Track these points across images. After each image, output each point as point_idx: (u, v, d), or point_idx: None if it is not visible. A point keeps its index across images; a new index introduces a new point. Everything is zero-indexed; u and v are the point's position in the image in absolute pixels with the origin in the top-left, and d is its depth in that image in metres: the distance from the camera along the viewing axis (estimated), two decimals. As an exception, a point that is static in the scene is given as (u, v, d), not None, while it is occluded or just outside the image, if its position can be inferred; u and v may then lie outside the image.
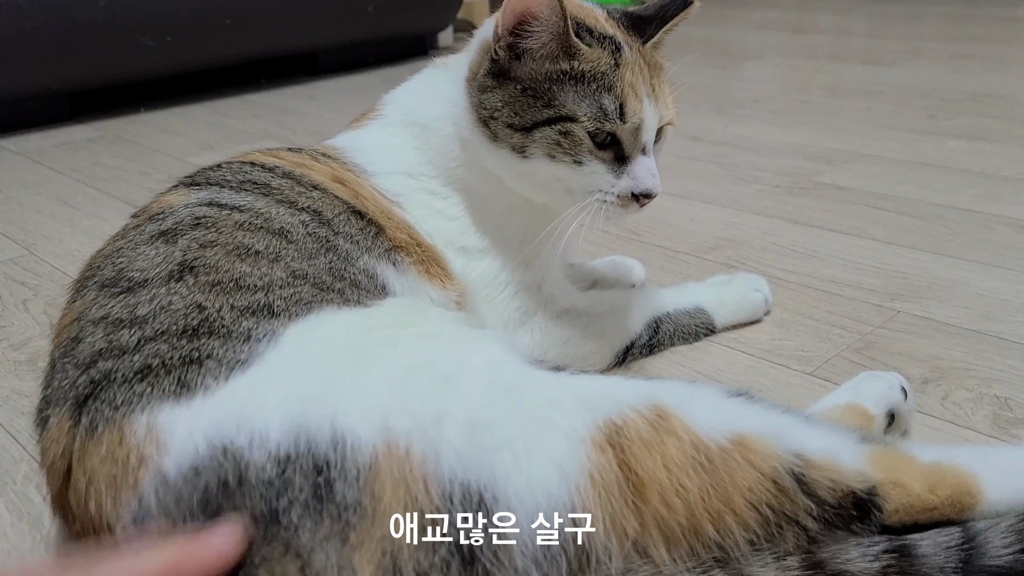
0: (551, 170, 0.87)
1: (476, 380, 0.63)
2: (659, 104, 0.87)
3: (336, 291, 0.74)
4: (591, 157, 0.86)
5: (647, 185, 0.87)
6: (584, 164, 0.86)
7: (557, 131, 0.85)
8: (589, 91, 0.84)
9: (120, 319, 0.66)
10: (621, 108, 0.84)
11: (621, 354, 1.01)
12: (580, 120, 0.84)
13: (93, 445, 0.60)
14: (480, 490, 0.56)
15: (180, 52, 2.39)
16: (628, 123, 0.85)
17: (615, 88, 0.84)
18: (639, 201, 0.88)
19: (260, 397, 0.59)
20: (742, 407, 0.67)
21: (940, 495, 0.65)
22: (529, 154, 0.87)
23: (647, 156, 0.88)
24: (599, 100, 0.84)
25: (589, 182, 0.87)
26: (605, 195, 0.87)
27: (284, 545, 0.54)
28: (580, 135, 0.85)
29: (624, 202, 0.87)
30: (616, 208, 0.88)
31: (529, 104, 0.86)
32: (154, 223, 0.76)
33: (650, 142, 0.88)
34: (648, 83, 0.87)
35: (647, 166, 0.87)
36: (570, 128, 0.85)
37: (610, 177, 0.87)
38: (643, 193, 0.87)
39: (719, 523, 0.60)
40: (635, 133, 0.86)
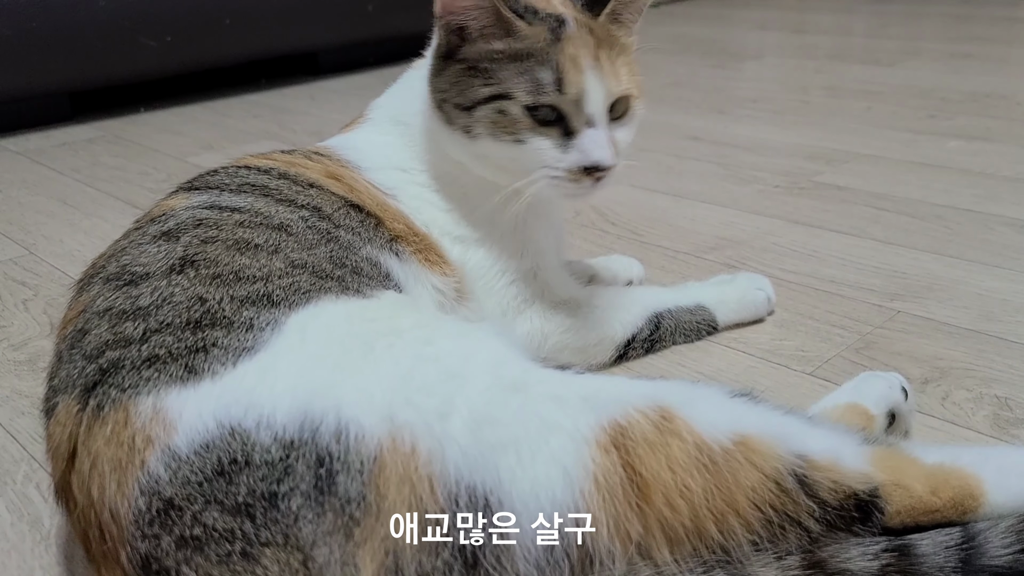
0: (498, 150, 0.87)
1: (482, 375, 0.63)
2: (606, 76, 0.85)
3: (336, 279, 0.74)
4: (532, 134, 0.85)
5: (595, 157, 0.84)
6: (526, 142, 0.86)
7: (494, 109, 0.86)
8: (526, 67, 0.84)
9: (124, 310, 0.67)
10: (559, 80, 0.84)
11: (622, 347, 1.01)
12: (515, 96, 0.84)
13: (98, 426, 0.60)
14: (485, 493, 0.56)
15: (180, 52, 2.39)
16: (567, 94, 0.84)
17: (553, 61, 0.84)
18: (591, 175, 0.85)
19: (268, 382, 0.60)
20: (745, 408, 0.67)
21: (942, 497, 0.65)
22: (475, 134, 0.88)
23: (596, 129, 0.86)
24: (535, 74, 0.84)
25: (534, 159, 0.86)
26: (553, 171, 0.86)
27: (283, 535, 0.55)
28: (516, 112, 0.85)
29: (575, 176, 0.86)
30: (568, 184, 0.86)
31: (470, 83, 0.87)
32: (156, 224, 0.77)
33: (598, 114, 0.85)
34: (593, 55, 0.85)
35: (594, 138, 0.85)
36: (505, 106, 0.85)
37: (556, 152, 0.86)
38: (591, 165, 0.85)
39: (722, 524, 0.60)
40: (577, 105, 0.85)
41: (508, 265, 0.96)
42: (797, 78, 2.54)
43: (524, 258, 0.97)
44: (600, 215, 1.52)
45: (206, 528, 0.55)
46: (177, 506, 0.56)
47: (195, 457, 0.57)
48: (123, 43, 2.29)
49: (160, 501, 0.56)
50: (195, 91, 2.61)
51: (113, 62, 2.31)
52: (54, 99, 2.33)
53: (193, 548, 0.55)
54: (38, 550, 0.79)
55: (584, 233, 1.45)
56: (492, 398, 0.61)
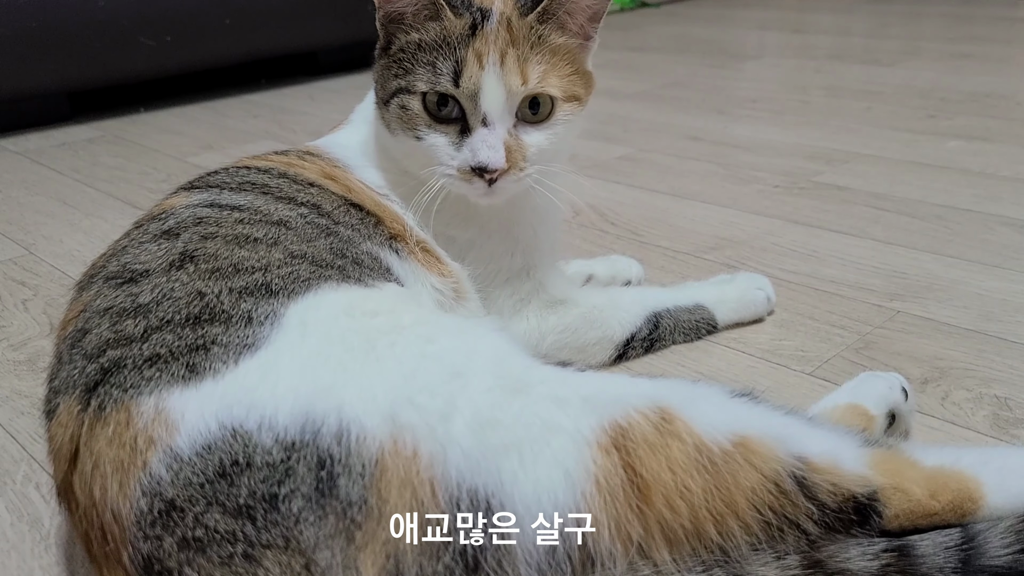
0: (405, 145, 0.88)
1: (484, 375, 0.63)
2: (507, 73, 0.83)
3: (336, 268, 0.74)
4: (428, 130, 0.86)
5: (480, 157, 0.84)
6: (423, 138, 0.86)
7: (398, 104, 0.86)
8: (432, 58, 0.84)
9: (124, 308, 0.67)
10: (457, 73, 0.83)
11: (622, 347, 1.01)
12: (416, 90, 0.84)
13: (100, 427, 0.60)
14: (487, 496, 0.56)
15: (180, 52, 2.39)
16: (461, 88, 0.83)
17: (457, 54, 0.83)
18: (482, 176, 0.85)
19: (270, 382, 0.60)
20: (745, 408, 0.67)
21: (942, 501, 0.65)
22: (392, 129, 0.89)
23: (489, 129, 0.85)
24: (437, 64, 0.84)
25: (431, 155, 0.86)
26: (446, 168, 0.86)
27: (284, 538, 0.55)
28: (415, 107, 0.85)
29: (465, 176, 0.85)
30: (462, 183, 0.86)
31: (387, 76, 0.88)
32: (157, 223, 0.77)
33: (495, 114, 0.84)
34: (499, 51, 0.83)
35: (484, 138, 0.84)
36: (406, 101, 0.85)
37: (450, 150, 0.86)
38: (477, 166, 0.84)
39: (722, 525, 0.60)
40: (473, 101, 0.84)
41: (501, 265, 0.96)
42: (797, 78, 2.54)
43: (515, 256, 0.97)
44: (600, 215, 1.52)
45: (208, 530, 0.55)
46: (179, 507, 0.56)
47: (197, 459, 0.57)
48: (123, 43, 2.29)
49: (162, 502, 0.56)
50: (195, 91, 2.61)
51: (113, 62, 2.31)
52: (54, 99, 2.33)
53: (195, 549, 0.55)
54: (38, 550, 0.79)
55: (584, 233, 1.45)
56: (494, 399, 0.61)
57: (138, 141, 2.16)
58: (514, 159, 0.85)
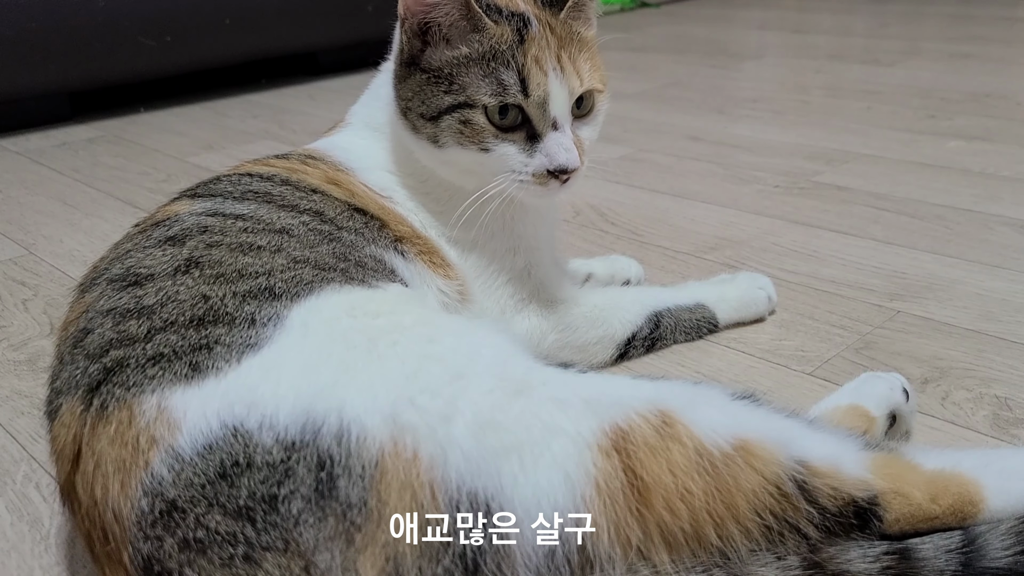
0: (464, 157, 0.88)
1: (485, 376, 0.63)
2: (567, 76, 0.85)
3: (339, 271, 0.74)
4: (497, 142, 0.86)
5: (560, 160, 0.85)
6: (491, 150, 0.86)
7: (458, 119, 0.86)
8: (490, 69, 0.84)
9: (128, 309, 0.67)
10: (523, 82, 0.84)
11: (623, 346, 1.02)
12: (478, 104, 0.84)
13: (102, 426, 0.60)
14: (487, 499, 0.56)
15: (180, 52, 2.39)
16: (532, 97, 0.84)
17: (517, 63, 0.84)
18: (557, 177, 0.86)
19: (272, 381, 0.60)
20: (746, 411, 0.67)
21: (942, 504, 0.65)
22: (442, 143, 0.88)
23: (560, 131, 0.86)
24: (499, 77, 0.84)
25: (501, 164, 0.87)
26: (519, 175, 0.87)
27: (283, 540, 0.55)
28: (480, 122, 0.85)
29: (541, 180, 0.86)
30: (534, 187, 0.87)
31: (433, 92, 0.87)
32: (161, 229, 0.77)
33: (562, 116, 0.86)
34: (555, 55, 0.85)
35: (559, 141, 0.86)
36: (469, 116, 0.85)
37: (523, 157, 0.86)
38: (557, 169, 0.85)
39: (722, 528, 0.60)
40: (542, 108, 0.85)
41: (503, 265, 0.97)
42: (797, 78, 2.54)
43: (517, 256, 0.97)
44: (600, 215, 1.52)
45: (209, 531, 0.55)
46: (180, 508, 0.56)
47: (198, 459, 0.57)
48: (123, 43, 2.29)
49: (163, 502, 0.56)
50: (195, 91, 2.61)
51: (113, 62, 2.31)
52: (54, 99, 2.33)
53: (196, 551, 0.55)
54: (38, 550, 0.79)
55: (584, 233, 1.45)
56: (495, 401, 0.61)
57: (138, 141, 2.16)
58: (582, 156, 0.87)
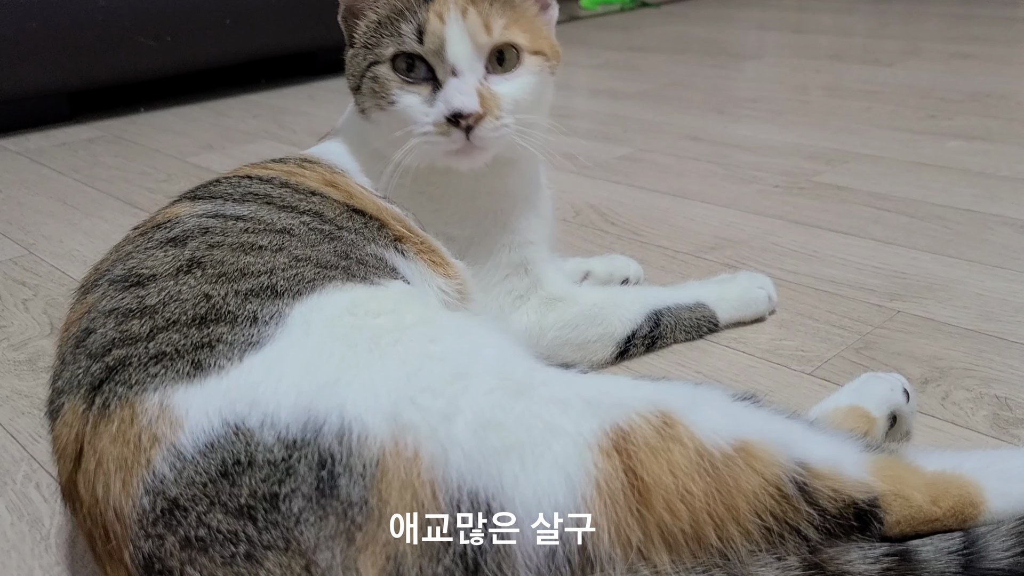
0: (380, 119, 0.89)
1: (487, 376, 0.63)
2: (470, 25, 0.85)
3: (341, 268, 0.74)
4: (401, 92, 0.87)
5: (454, 104, 0.84)
6: (396, 101, 0.87)
7: (370, 78, 0.88)
8: (394, 27, 0.87)
9: (130, 309, 0.67)
10: (420, 31, 0.85)
11: (623, 344, 1.01)
12: (383, 58, 0.87)
13: (104, 424, 0.60)
14: (488, 499, 0.56)
15: (180, 52, 2.39)
16: (426, 44, 0.85)
17: (419, 16, 0.86)
18: (458, 126, 0.85)
19: (273, 378, 0.60)
20: (747, 412, 0.67)
21: (943, 507, 0.65)
22: (366, 111, 0.91)
23: (459, 78, 0.86)
24: (399, 28, 0.86)
25: (407, 117, 0.87)
26: (422, 127, 0.86)
27: (284, 539, 0.55)
28: (385, 73, 0.87)
29: (442, 129, 0.86)
30: (440, 139, 0.86)
31: (356, 62, 0.90)
32: (162, 231, 0.78)
33: (463, 64, 0.86)
34: (461, 8, 0.86)
35: (455, 86, 0.85)
36: (376, 71, 0.88)
37: (424, 107, 0.87)
38: (453, 113, 0.84)
39: (722, 530, 0.59)
40: (439, 55, 0.86)
41: (500, 260, 0.97)
42: (797, 78, 2.54)
43: (513, 251, 0.97)
44: (600, 215, 1.52)
45: (210, 529, 0.55)
46: (182, 506, 0.56)
47: (200, 457, 0.57)
48: (123, 43, 2.29)
49: (165, 501, 0.56)
50: (195, 91, 2.61)
51: (113, 62, 2.31)
52: (54, 99, 2.33)
53: (197, 549, 0.55)
54: (38, 550, 0.79)
55: (584, 233, 1.45)
56: (497, 401, 0.61)
57: (138, 141, 2.16)
58: (488, 106, 0.86)
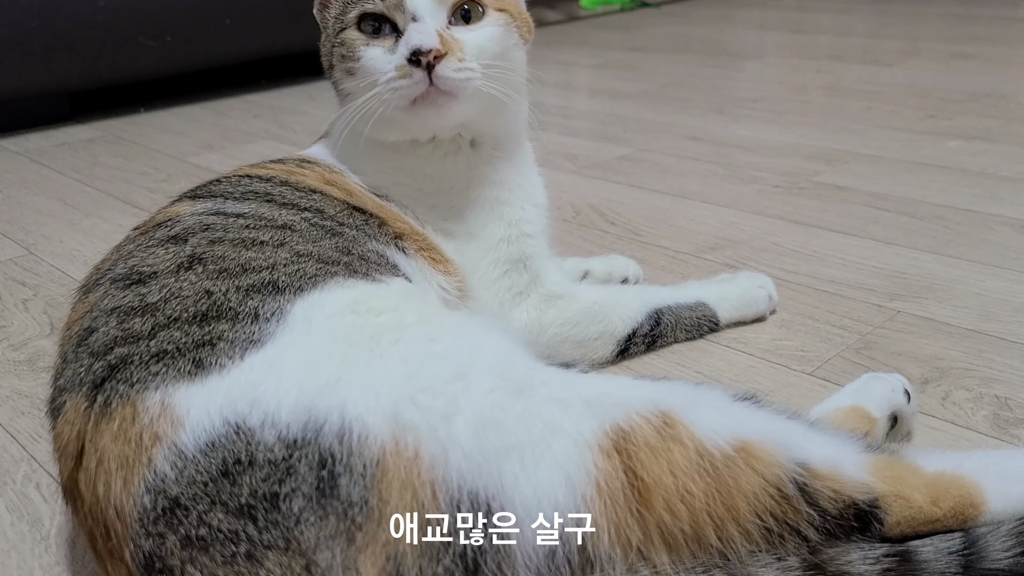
0: (354, 86, 0.90)
1: (487, 376, 0.63)
2: None
3: (343, 264, 0.75)
4: (366, 48, 0.89)
5: (412, 41, 0.85)
6: (362, 56, 0.89)
7: (339, 44, 0.91)
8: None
9: (132, 307, 0.67)
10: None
11: (623, 342, 1.01)
12: (348, 23, 0.89)
13: (105, 423, 0.60)
14: (488, 499, 0.56)
15: (180, 52, 2.39)
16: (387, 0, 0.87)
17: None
18: (419, 64, 0.85)
19: (275, 377, 0.60)
20: (748, 412, 0.67)
21: (943, 507, 0.65)
22: (341, 87, 0.93)
23: (419, 22, 0.87)
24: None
25: (373, 70, 0.88)
26: (387, 75, 0.87)
27: (285, 539, 0.55)
28: (351, 35, 0.89)
29: (403, 72, 0.86)
30: (401, 83, 0.86)
31: (328, 41, 0.93)
32: (163, 229, 0.78)
33: (423, 10, 0.86)
34: None
35: (416, 28, 0.86)
36: (344, 36, 0.90)
37: (387, 56, 0.88)
38: (413, 51, 0.85)
39: (722, 530, 0.59)
40: (399, 7, 0.87)
41: (498, 256, 0.97)
42: (797, 78, 2.54)
43: (512, 245, 0.97)
44: (600, 215, 1.52)
45: (211, 529, 0.55)
46: (183, 505, 0.56)
47: (201, 456, 0.57)
48: (123, 43, 2.29)
49: (166, 500, 0.56)
50: (195, 91, 2.61)
51: (113, 62, 2.31)
52: (54, 99, 2.33)
53: (198, 548, 0.55)
54: (38, 550, 0.79)
55: (584, 233, 1.45)
56: (497, 400, 0.61)
57: (138, 141, 2.16)
58: (450, 46, 0.86)
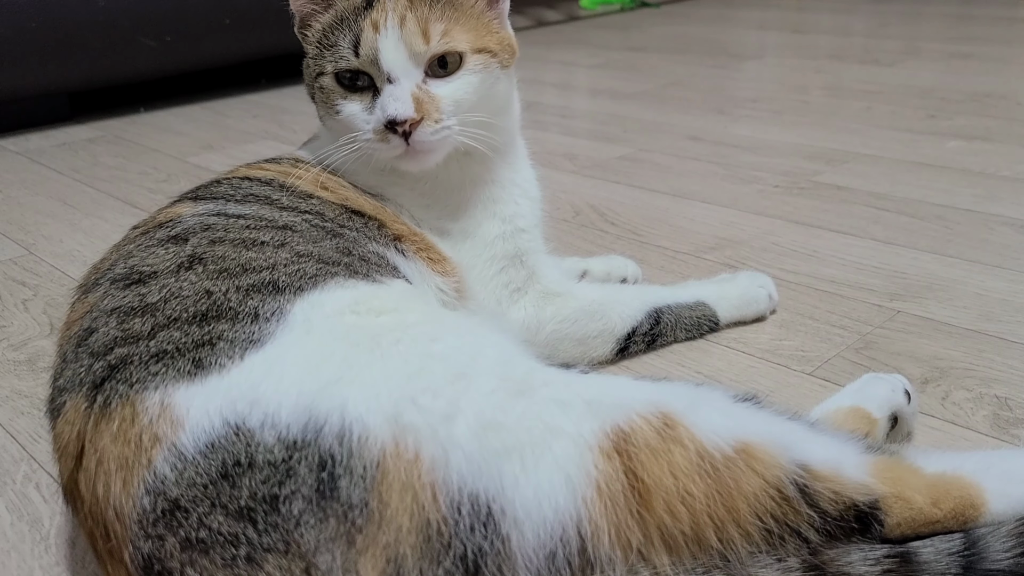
0: (335, 127, 0.91)
1: (488, 377, 0.63)
2: (407, 33, 0.85)
3: (343, 265, 0.75)
4: (345, 102, 0.89)
5: (388, 111, 0.85)
6: (341, 111, 0.89)
7: (319, 88, 0.90)
8: (335, 38, 0.88)
9: (132, 308, 0.67)
10: (356, 44, 0.86)
11: (623, 341, 1.01)
12: (326, 71, 0.88)
13: (105, 423, 0.60)
14: (488, 501, 0.56)
15: (180, 52, 2.39)
16: (361, 56, 0.86)
17: (356, 25, 0.86)
18: (395, 132, 0.86)
19: (275, 377, 0.60)
20: (748, 413, 0.66)
21: (943, 508, 0.65)
22: (321, 116, 0.94)
23: (394, 84, 0.86)
24: (338, 43, 0.87)
25: (350, 123, 0.89)
26: (364, 134, 0.88)
27: (284, 542, 0.54)
28: (329, 84, 0.89)
29: (381, 136, 0.87)
30: (380, 145, 0.87)
31: (309, 72, 0.92)
32: (164, 230, 0.78)
33: (398, 71, 0.86)
34: (400, 16, 0.86)
35: (391, 93, 0.86)
36: (322, 82, 0.90)
37: (365, 115, 0.88)
38: (388, 120, 0.85)
39: (722, 532, 0.59)
40: (375, 65, 0.86)
41: (495, 252, 0.97)
42: (797, 78, 2.54)
43: (507, 241, 0.97)
44: (600, 215, 1.52)
45: (211, 531, 0.55)
46: (183, 507, 0.56)
47: (200, 458, 0.57)
48: (123, 43, 2.29)
49: (166, 501, 0.56)
50: (195, 91, 2.61)
51: (113, 62, 2.31)
52: (54, 99, 2.33)
53: (198, 551, 0.55)
54: (38, 550, 0.79)
55: (584, 233, 1.45)
56: (497, 402, 0.61)
57: (138, 141, 2.16)
58: (426, 109, 0.86)
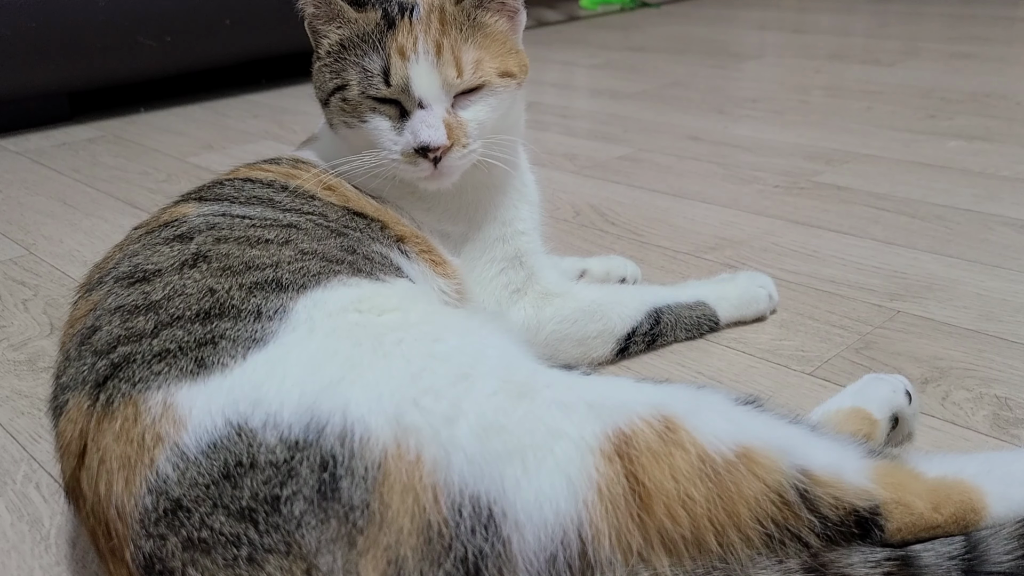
0: (352, 135, 0.91)
1: (490, 378, 0.63)
2: (443, 64, 0.86)
3: (347, 263, 0.74)
4: (372, 114, 0.88)
5: (421, 138, 0.86)
6: (368, 121, 0.88)
7: (339, 99, 0.89)
8: (358, 55, 0.87)
9: (136, 306, 0.67)
10: (386, 71, 0.86)
11: (623, 341, 1.01)
12: (350, 86, 0.88)
13: (107, 422, 0.60)
14: (489, 503, 0.56)
15: (180, 52, 2.39)
16: (393, 86, 0.86)
17: (383, 50, 0.86)
18: (426, 156, 0.87)
19: (277, 377, 0.60)
20: (749, 417, 0.66)
21: (944, 513, 0.64)
22: (334, 125, 0.92)
23: (427, 110, 0.87)
24: (364, 63, 0.87)
25: (377, 140, 0.89)
26: (391, 153, 0.88)
27: (285, 543, 0.54)
28: (355, 96, 0.88)
29: (409, 159, 0.87)
30: (408, 167, 0.88)
31: (323, 77, 0.91)
32: (168, 229, 0.78)
33: (430, 97, 0.86)
34: (434, 41, 0.86)
35: (423, 119, 0.86)
36: (346, 94, 0.89)
37: (393, 135, 0.88)
38: (420, 147, 0.86)
39: (723, 536, 0.59)
40: (405, 92, 0.86)
41: (494, 254, 0.97)
42: (797, 78, 2.54)
43: (507, 243, 0.98)
44: (600, 215, 1.52)
45: (213, 531, 0.55)
46: (185, 507, 0.56)
47: (203, 458, 0.57)
48: (123, 43, 2.28)
49: (168, 501, 0.56)
50: (195, 91, 2.61)
51: (113, 62, 2.31)
52: (54, 99, 2.33)
53: (200, 551, 0.55)
54: (38, 550, 0.79)
55: (584, 233, 1.45)
56: (499, 403, 0.61)
57: (138, 141, 2.16)
58: (456, 136, 0.87)
